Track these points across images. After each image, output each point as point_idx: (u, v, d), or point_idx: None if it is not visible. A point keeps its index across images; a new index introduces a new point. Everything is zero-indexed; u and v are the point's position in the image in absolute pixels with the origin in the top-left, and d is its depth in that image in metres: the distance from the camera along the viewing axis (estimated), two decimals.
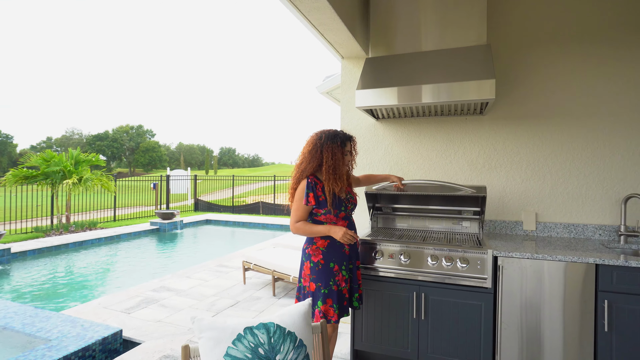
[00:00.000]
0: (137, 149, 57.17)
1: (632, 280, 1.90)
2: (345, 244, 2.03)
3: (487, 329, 2.14)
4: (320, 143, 2.02)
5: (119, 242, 7.91)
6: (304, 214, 2.01)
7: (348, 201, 2.10)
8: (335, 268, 2.01)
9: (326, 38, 2.74)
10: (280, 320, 1.42)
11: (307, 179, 2.00)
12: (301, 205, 1.99)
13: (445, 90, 2.23)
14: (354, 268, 2.13)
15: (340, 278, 2.03)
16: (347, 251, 2.07)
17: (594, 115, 2.52)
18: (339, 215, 2.04)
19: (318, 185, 2.00)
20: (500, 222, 2.72)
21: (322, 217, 2.03)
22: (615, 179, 2.48)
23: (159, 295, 4.02)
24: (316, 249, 2.03)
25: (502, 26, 2.71)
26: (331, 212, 2.01)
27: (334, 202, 2.00)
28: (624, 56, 2.45)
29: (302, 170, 2.04)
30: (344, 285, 2.04)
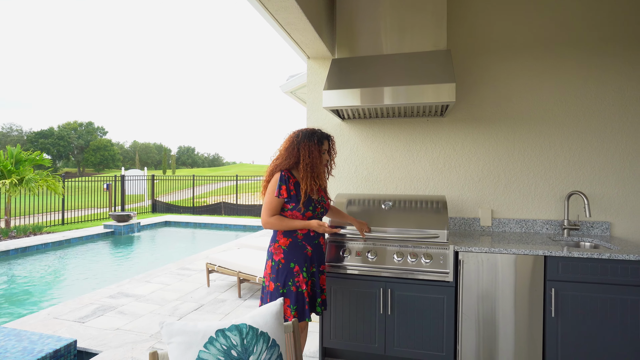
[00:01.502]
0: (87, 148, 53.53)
1: (575, 269, 2.09)
2: (308, 246, 2.02)
3: (449, 321, 2.26)
4: (297, 141, 2.02)
5: (69, 247, 7.38)
6: (276, 207, 1.98)
7: (319, 203, 2.08)
8: (295, 268, 1.99)
9: (293, 38, 2.74)
10: (253, 321, 1.41)
11: (280, 172, 1.98)
12: (273, 198, 1.97)
13: (408, 93, 2.32)
14: (316, 272, 2.08)
15: (300, 280, 1.98)
16: (310, 253, 2.04)
17: (540, 120, 2.73)
18: (306, 215, 2.01)
19: (291, 179, 1.99)
20: (459, 219, 2.87)
21: (288, 213, 2.00)
22: (559, 177, 2.71)
23: (116, 302, 3.81)
24: (278, 247, 2.01)
25: (461, 33, 2.86)
26: (299, 210, 1.98)
27: (305, 200, 1.98)
28: (565, 67, 2.68)
29: (277, 165, 2.03)
30: (305, 288, 1.99)
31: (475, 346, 2.26)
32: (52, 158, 52.57)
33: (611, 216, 2.63)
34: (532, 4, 2.73)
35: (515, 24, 2.76)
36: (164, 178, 18.55)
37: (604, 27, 2.61)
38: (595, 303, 2.07)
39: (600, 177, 2.65)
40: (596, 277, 2.07)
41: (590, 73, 2.64)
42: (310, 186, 1.98)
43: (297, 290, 1.97)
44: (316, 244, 2.09)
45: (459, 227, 2.87)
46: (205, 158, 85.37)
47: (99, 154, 52.89)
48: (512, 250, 2.17)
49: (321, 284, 2.11)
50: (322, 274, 2.13)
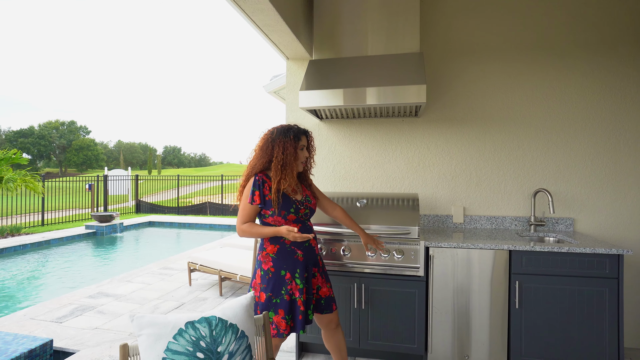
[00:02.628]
0: (69, 147, 52.31)
1: (537, 262, 2.20)
2: (297, 250, 1.89)
3: (420, 314, 2.34)
4: (271, 138, 1.89)
5: (49, 248, 7.26)
6: (250, 214, 1.86)
7: (302, 204, 1.93)
8: (287, 276, 1.86)
9: (271, 39, 2.79)
10: (223, 314, 1.46)
11: (255, 177, 1.87)
12: (247, 205, 1.85)
13: (380, 94, 2.39)
14: (309, 276, 1.93)
15: (293, 287, 1.86)
16: (301, 257, 1.89)
17: (509, 120, 2.85)
18: (288, 218, 1.86)
19: (266, 183, 1.86)
20: (433, 216, 2.97)
21: (270, 219, 1.88)
22: (527, 175, 2.83)
23: (95, 302, 3.79)
24: (266, 256, 1.89)
25: (435, 36, 2.96)
26: (278, 213, 1.85)
27: (281, 202, 1.85)
28: (533, 69, 2.80)
29: (252, 167, 1.92)
30: (298, 296, 1.85)
31: (445, 338, 2.35)
32: (32, 158, 51.19)
33: (574, 212, 2.77)
34: (501, 10, 2.85)
35: (486, 28, 2.87)
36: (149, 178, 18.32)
37: (567, 32, 2.74)
38: (557, 294, 2.19)
39: (564, 175, 2.78)
40: (557, 270, 2.18)
41: (555, 75, 2.77)
42: (279, 185, 1.83)
43: (291, 299, 1.85)
44: (307, 247, 1.93)
45: (433, 223, 2.97)
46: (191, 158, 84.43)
47: (81, 153, 51.75)
48: (479, 245, 2.27)
49: (318, 284, 1.99)
50: (314, 277, 1.97)
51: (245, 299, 1.56)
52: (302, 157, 1.94)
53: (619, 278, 2.12)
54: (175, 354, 1.29)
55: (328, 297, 2.02)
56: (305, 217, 1.95)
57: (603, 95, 2.71)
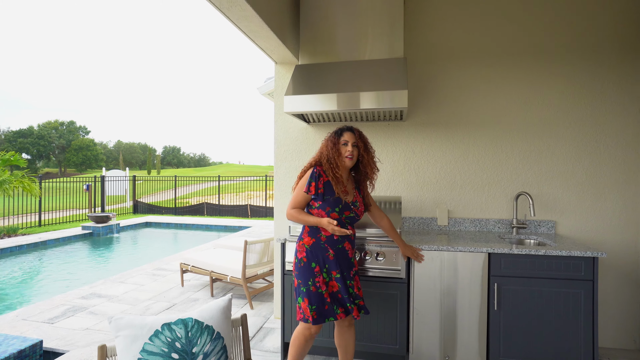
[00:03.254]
0: (69, 148, 52.35)
1: (515, 265, 2.25)
2: (330, 249, 2.00)
3: (402, 316, 2.39)
4: (326, 137, 2.11)
5: (45, 249, 7.30)
6: (301, 201, 2.03)
7: (348, 207, 2.03)
8: (316, 269, 1.99)
9: (258, 45, 2.84)
10: (199, 315, 1.50)
11: (313, 168, 2.03)
12: (301, 193, 2.03)
13: (362, 99, 2.44)
14: (341, 278, 2.01)
15: (320, 280, 1.98)
16: (332, 256, 2.00)
17: (492, 124, 2.90)
18: (331, 215, 1.98)
19: (322, 177, 2.02)
20: (418, 219, 3.02)
21: (315, 211, 2.02)
22: (510, 178, 2.88)
23: (88, 303, 3.84)
24: (302, 246, 2.04)
25: (419, 41, 3.00)
26: (324, 209, 1.98)
27: (330, 198, 1.99)
28: (515, 74, 2.85)
29: (310, 162, 2.10)
30: (325, 289, 1.98)
31: (426, 339, 2.39)
32: (31, 158, 51.22)
33: (556, 215, 2.81)
34: (485, 15, 2.89)
35: (470, 32, 2.92)
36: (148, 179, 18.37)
37: (551, 36, 2.79)
38: (534, 296, 2.23)
39: (546, 178, 2.82)
40: (534, 272, 2.23)
41: (538, 80, 2.82)
42: (335, 178, 1.98)
43: (317, 291, 1.97)
44: (339, 248, 2.03)
45: (418, 226, 3.02)
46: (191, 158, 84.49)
47: (81, 153, 51.80)
48: (459, 247, 2.31)
49: (355, 290, 2.06)
50: (353, 280, 2.07)
51: (223, 301, 1.61)
52: (344, 152, 2.03)
53: (594, 280, 2.17)
54: (151, 354, 1.33)
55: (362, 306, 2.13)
56: (349, 220, 2.05)
57: (584, 100, 2.76)
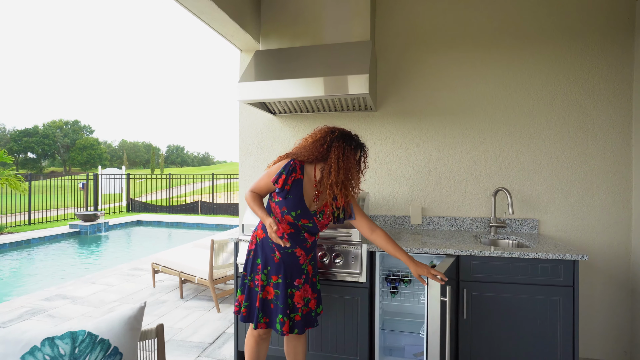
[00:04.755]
0: (73, 147, 52.68)
1: (486, 269, 2.01)
2: (276, 250, 1.79)
3: (363, 324, 2.16)
4: (331, 138, 1.74)
5: (29, 247, 7.17)
6: (263, 188, 1.80)
7: (307, 216, 1.76)
8: (259, 267, 1.83)
9: (214, 28, 2.62)
10: (95, 327, 1.29)
11: (290, 160, 1.75)
12: (266, 179, 1.78)
13: (319, 85, 2.22)
14: (283, 284, 1.79)
15: (259, 279, 1.82)
16: (277, 259, 1.80)
17: (471, 114, 2.65)
18: (285, 216, 1.75)
19: (295, 175, 1.74)
20: (390, 217, 2.78)
21: (273, 204, 1.80)
22: (489, 173, 2.64)
23: (49, 305, 3.66)
24: (254, 237, 1.88)
25: (392, 24, 2.77)
26: (280, 205, 1.75)
27: (292, 199, 1.73)
28: (497, 59, 2.60)
29: (292, 153, 1.82)
30: (259, 291, 1.81)
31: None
32: (36, 157, 51.63)
33: (539, 213, 2.56)
34: None
35: (447, 15, 2.67)
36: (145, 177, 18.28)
37: (533, 18, 2.54)
38: (508, 303, 1.99)
39: (529, 173, 2.58)
40: (509, 277, 1.99)
41: (519, 66, 2.57)
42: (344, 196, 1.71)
43: (254, 289, 1.85)
44: (288, 253, 1.80)
45: (390, 225, 2.78)
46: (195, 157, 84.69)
47: (85, 152, 52.09)
48: (424, 249, 2.08)
49: (295, 301, 1.82)
50: (298, 290, 1.83)
51: (132, 310, 1.39)
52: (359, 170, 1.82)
53: (574, 286, 1.92)
54: None
55: (315, 311, 1.91)
56: (305, 229, 1.80)
57: (570, 88, 2.51)
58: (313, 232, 1.85)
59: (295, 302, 1.84)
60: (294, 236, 1.80)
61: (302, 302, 1.85)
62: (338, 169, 1.71)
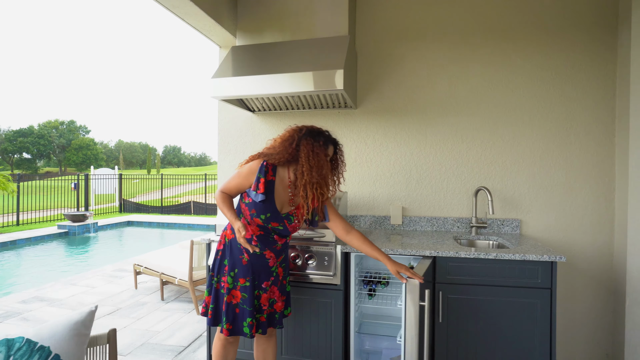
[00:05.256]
0: (69, 147, 52.36)
1: (463, 271, 1.95)
2: (245, 253, 1.73)
3: (337, 327, 2.09)
4: (298, 136, 1.71)
5: (14, 249, 7.05)
6: (233, 188, 1.74)
7: (278, 219, 1.71)
8: (226, 268, 1.77)
9: (189, 23, 2.55)
10: (36, 334, 1.22)
11: (263, 162, 1.70)
12: (237, 180, 1.72)
13: (293, 80, 2.15)
14: (250, 287, 1.73)
15: (225, 281, 1.76)
16: (245, 261, 1.74)
17: (453, 111, 2.59)
18: (254, 219, 1.70)
19: (268, 175, 1.69)
20: (370, 217, 2.72)
21: (243, 206, 1.74)
22: (471, 172, 2.57)
23: (25, 307, 3.57)
24: (223, 237, 1.81)
25: (373, 20, 2.70)
26: (250, 207, 1.69)
27: (263, 201, 1.67)
28: (480, 56, 2.54)
29: (262, 153, 1.76)
30: (224, 293, 1.75)
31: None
32: (32, 157, 51.28)
33: (522, 213, 2.50)
34: None
35: (428, 10, 2.61)
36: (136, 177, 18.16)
37: (516, 13, 2.48)
38: (485, 306, 1.93)
39: (511, 172, 2.52)
40: (485, 279, 1.92)
41: (502, 62, 2.51)
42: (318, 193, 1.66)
43: (220, 291, 1.78)
44: (257, 255, 1.74)
45: (370, 225, 2.72)
46: (192, 157, 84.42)
47: (81, 153, 51.74)
48: (398, 250, 2.01)
49: (262, 302, 1.78)
50: (265, 292, 1.78)
51: (79, 314, 1.32)
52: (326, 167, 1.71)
53: (552, 288, 1.86)
54: None
55: (282, 312, 1.87)
56: (276, 232, 1.75)
57: (553, 85, 2.45)
58: (283, 235, 1.80)
59: (261, 303, 1.79)
60: (263, 238, 1.75)
61: (268, 303, 1.81)
62: (310, 167, 1.66)
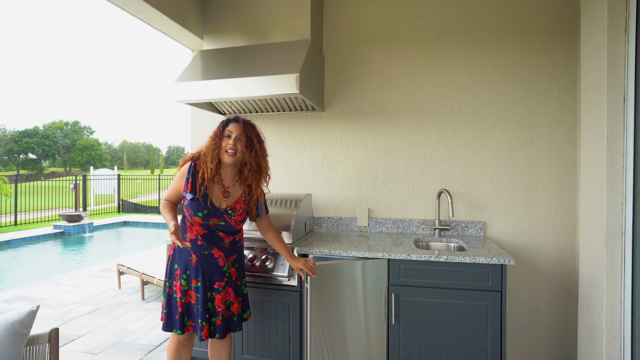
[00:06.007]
0: (73, 147, 52.89)
1: (416, 273, 1.96)
2: (192, 253, 1.75)
3: (294, 328, 2.12)
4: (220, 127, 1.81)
5: (9, 248, 7.16)
6: (172, 195, 1.81)
7: (217, 214, 1.74)
8: (177, 272, 1.78)
9: (157, 29, 2.59)
10: None
11: (191, 162, 1.78)
12: (173, 185, 1.81)
13: (250, 85, 2.17)
14: (202, 287, 1.75)
15: (177, 285, 1.77)
16: (194, 262, 1.76)
17: (417, 113, 2.60)
18: (194, 219, 1.73)
19: (199, 173, 1.74)
20: (337, 219, 2.74)
21: (184, 209, 1.78)
22: (436, 174, 2.59)
23: (7, 307, 3.63)
24: (173, 243, 1.76)
25: (339, 23, 2.72)
26: (187, 207, 1.74)
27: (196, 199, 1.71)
28: (443, 57, 2.55)
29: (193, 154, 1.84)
30: (180, 296, 1.76)
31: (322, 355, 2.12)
32: (37, 158, 51.84)
33: (486, 215, 2.51)
34: None
35: (392, 13, 2.63)
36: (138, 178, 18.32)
37: (477, 16, 2.49)
38: (437, 308, 1.94)
39: (475, 174, 2.52)
40: (437, 281, 1.94)
41: (465, 65, 2.52)
42: (207, 175, 1.71)
43: (172, 295, 1.80)
44: (205, 255, 1.76)
45: (337, 227, 2.74)
46: None
47: (85, 153, 52.27)
48: (351, 252, 2.03)
49: (216, 304, 1.78)
50: (218, 293, 1.78)
51: (18, 314, 1.36)
52: (224, 146, 1.75)
53: (502, 290, 1.87)
54: None
55: (239, 314, 1.87)
56: (218, 228, 1.78)
57: (516, 86, 2.45)
58: (229, 231, 1.82)
59: (215, 305, 1.80)
60: (208, 237, 1.77)
61: (223, 305, 1.81)
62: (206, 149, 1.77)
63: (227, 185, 1.81)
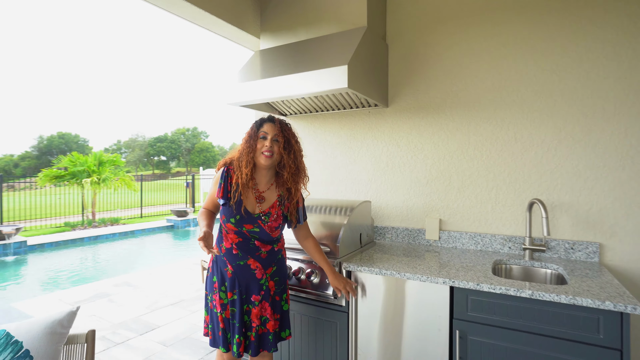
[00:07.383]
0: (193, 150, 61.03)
1: (485, 308, 1.53)
2: (228, 264, 1.65)
3: (342, 351, 1.88)
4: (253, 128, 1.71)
5: (132, 237, 8.45)
6: (208, 202, 1.75)
7: (250, 220, 1.63)
8: (215, 284, 1.70)
9: (216, 33, 2.61)
10: (16, 328, 1.35)
11: (224, 168, 1.69)
12: (211, 192, 1.75)
13: (294, 82, 1.99)
14: (238, 300, 1.65)
15: (216, 299, 1.68)
16: (230, 274, 1.66)
17: (502, 104, 2.09)
18: (227, 226, 1.64)
19: (232, 177, 1.66)
20: (402, 230, 2.39)
21: (220, 216, 1.71)
22: (528, 179, 2.04)
23: (114, 290, 4.19)
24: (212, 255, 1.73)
25: (404, 5, 2.37)
26: (221, 214, 1.67)
27: (229, 204, 1.62)
28: (536, 31, 1.99)
29: (225, 159, 1.76)
30: (220, 311, 1.66)
31: None
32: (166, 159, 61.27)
33: (603, 235, 1.88)
34: None
35: None
36: None
37: None
38: (517, 358, 1.49)
39: (586, 180, 1.91)
40: (521, 323, 1.48)
41: (568, 35, 1.92)
42: (242, 179, 1.60)
43: (213, 310, 1.72)
44: (241, 265, 1.65)
45: (403, 239, 2.39)
46: None
47: (202, 155, 59.84)
48: (405, 275, 1.69)
49: (252, 318, 1.66)
50: (254, 307, 1.66)
51: (59, 314, 1.43)
52: (260, 147, 1.63)
53: (622, 349, 1.32)
54: None
55: (275, 333, 1.70)
56: (252, 235, 1.65)
57: None
58: (265, 240, 1.67)
59: (251, 319, 1.67)
60: (243, 245, 1.65)
61: (258, 321, 1.67)
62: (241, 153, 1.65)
63: (262, 189, 1.68)
